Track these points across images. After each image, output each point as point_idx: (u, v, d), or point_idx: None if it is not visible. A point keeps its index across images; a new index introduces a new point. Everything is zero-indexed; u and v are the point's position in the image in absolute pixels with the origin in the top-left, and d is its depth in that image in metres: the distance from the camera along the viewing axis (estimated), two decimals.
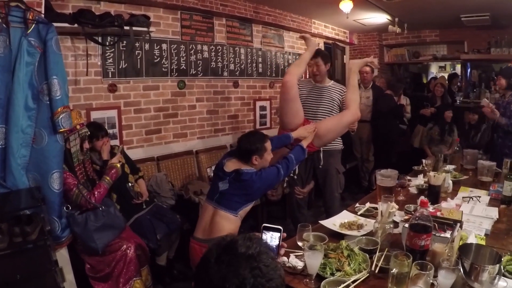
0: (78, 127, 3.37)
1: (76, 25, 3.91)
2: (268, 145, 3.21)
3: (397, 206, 2.76)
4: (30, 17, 2.91)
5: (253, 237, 1.32)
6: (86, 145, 3.50)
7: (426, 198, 2.41)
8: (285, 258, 2.24)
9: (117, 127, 4.67)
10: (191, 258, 3.17)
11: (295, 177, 4.29)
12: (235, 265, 1.19)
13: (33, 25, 2.93)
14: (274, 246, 1.84)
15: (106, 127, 4.37)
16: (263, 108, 6.79)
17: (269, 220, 1.86)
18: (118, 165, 3.62)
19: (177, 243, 4.24)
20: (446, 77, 9.33)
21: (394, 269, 1.92)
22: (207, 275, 1.21)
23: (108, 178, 3.47)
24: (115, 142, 4.59)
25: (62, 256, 3.29)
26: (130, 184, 4.03)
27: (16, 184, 2.96)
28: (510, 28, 7.41)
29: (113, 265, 3.36)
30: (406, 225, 2.31)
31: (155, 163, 5.02)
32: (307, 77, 7.11)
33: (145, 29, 4.44)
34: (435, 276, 1.91)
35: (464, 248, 2.08)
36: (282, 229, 1.85)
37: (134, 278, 3.41)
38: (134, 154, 4.76)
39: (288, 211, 4.81)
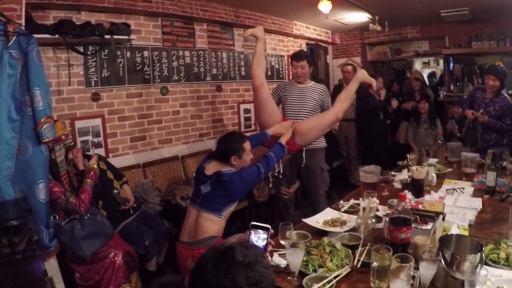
0: (63, 137, 3.38)
1: (57, 35, 3.92)
2: (246, 145, 3.25)
3: (378, 201, 2.81)
4: (11, 30, 2.92)
5: (249, 245, 1.40)
6: (71, 155, 3.52)
7: (406, 192, 2.47)
8: (269, 256, 2.24)
9: (102, 136, 4.67)
10: (179, 262, 3.20)
11: (280, 176, 4.32)
12: (232, 273, 1.26)
13: (14, 37, 2.93)
14: (262, 246, 1.87)
15: (91, 136, 4.42)
16: (247, 111, 6.81)
17: (257, 221, 1.87)
18: (95, 166, 3.62)
19: (165, 248, 4.27)
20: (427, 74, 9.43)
21: (375, 263, 1.96)
22: (204, 280, 1.28)
23: (89, 180, 3.47)
24: (100, 150, 4.59)
25: (52, 266, 3.30)
26: (115, 190, 4.04)
27: (3, 196, 2.95)
28: (490, 21, 7.48)
29: (102, 273, 3.36)
30: (387, 219, 2.35)
31: (141, 170, 5.04)
32: (290, 78, 7.21)
33: (126, 37, 4.47)
34: (417, 268, 1.94)
35: (445, 239, 2.11)
36: (270, 227, 1.88)
37: (124, 285, 3.42)
38: (120, 161, 4.78)
39: (276, 212, 4.84)
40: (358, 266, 2.19)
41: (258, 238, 1.87)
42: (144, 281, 3.83)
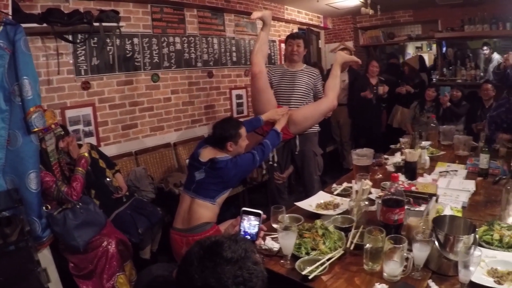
0: (53, 126, 3.35)
1: (45, 24, 3.86)
2: (242, 131, 3.24)
3: (370, 183, 2.80)
4: None
5: (239, 239, 1.31)
6: (61, 144, 3.49)
7: (399, 174, 2.47)
8: (261, 241, 2.22)
9: (93, 124, 4.64)
10: (173, 249, 3.21)
11: (275, 165, 4.32)
12: (219, 272, 1.20)
13: (1, 27, 2.89)
14: (254, 232, 1.85)
15: (82, 125, 4.40)
16: (239, 96, 6.79)
17: (251, 207, 1.85)
18: (86, 154, 3.58)
19: (159, 236, 4.27)
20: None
21: (368, 245, 1.97)
22: (190, 279, 1.22)
23: (80, 168, 3.44)
24: (92, 139, 4.57)
25: (45, 257, 3.29)
26: (108, 179, 4.02)
27: None
28: (483, 4, 7.46)
29: (96, 262, 3.36)
30: (380, 200, 2.35)
31: (134, 158, 5.02)
32: (281, 61, 7.18)
33: (115, 24, 4.41)
34: (410, 250, 1.94)
35: (438, 220, 2.11)
36: (261, 213, 1.84)
37: (118, 274, 3.42)
38: (112, 150, 4.77)
39: (269, 197, 4.84)
40: (351, 248, 2.20)
41: (250, 224, 1.85)
42: (139, 269, 3.82)
